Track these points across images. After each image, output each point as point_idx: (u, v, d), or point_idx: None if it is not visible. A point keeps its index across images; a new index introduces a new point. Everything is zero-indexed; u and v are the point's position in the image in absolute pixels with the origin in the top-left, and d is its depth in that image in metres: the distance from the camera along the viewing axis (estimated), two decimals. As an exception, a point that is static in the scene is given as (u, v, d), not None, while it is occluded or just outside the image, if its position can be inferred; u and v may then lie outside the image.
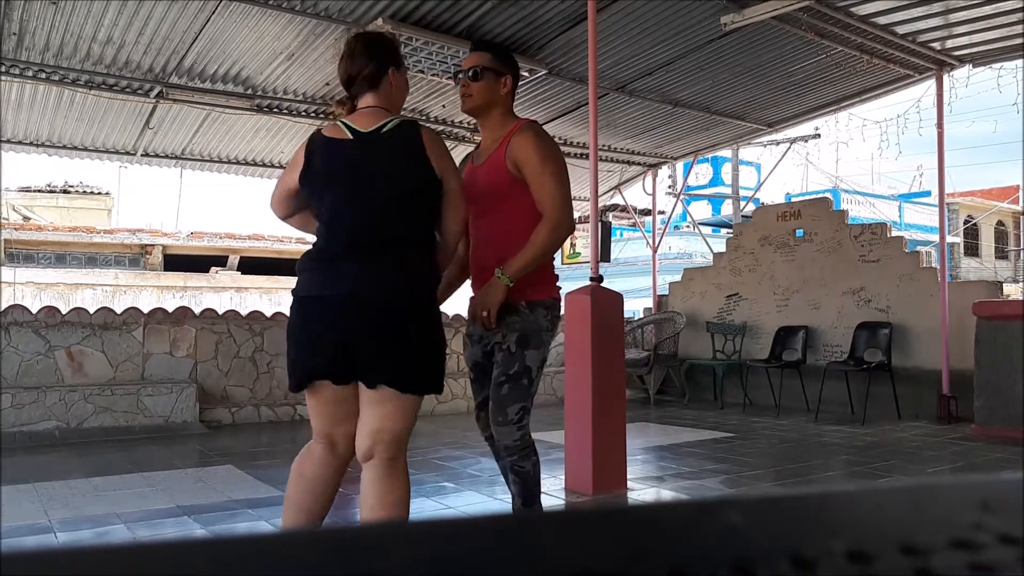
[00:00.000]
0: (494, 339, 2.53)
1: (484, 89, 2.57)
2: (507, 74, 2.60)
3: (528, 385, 2.50)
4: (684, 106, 7.37)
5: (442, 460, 4.90)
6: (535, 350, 2.50)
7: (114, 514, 3.54)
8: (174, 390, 6.10)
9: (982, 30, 5.91)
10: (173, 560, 0.25)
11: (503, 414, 2.50)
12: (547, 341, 2.54)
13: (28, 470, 4.53)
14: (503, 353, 2.50)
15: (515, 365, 2.48)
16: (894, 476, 4.42)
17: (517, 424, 2.51)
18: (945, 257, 6.75)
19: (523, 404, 2.51)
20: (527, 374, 2.49)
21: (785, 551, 0.26)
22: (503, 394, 2.49)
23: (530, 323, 2.49)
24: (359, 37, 2.35)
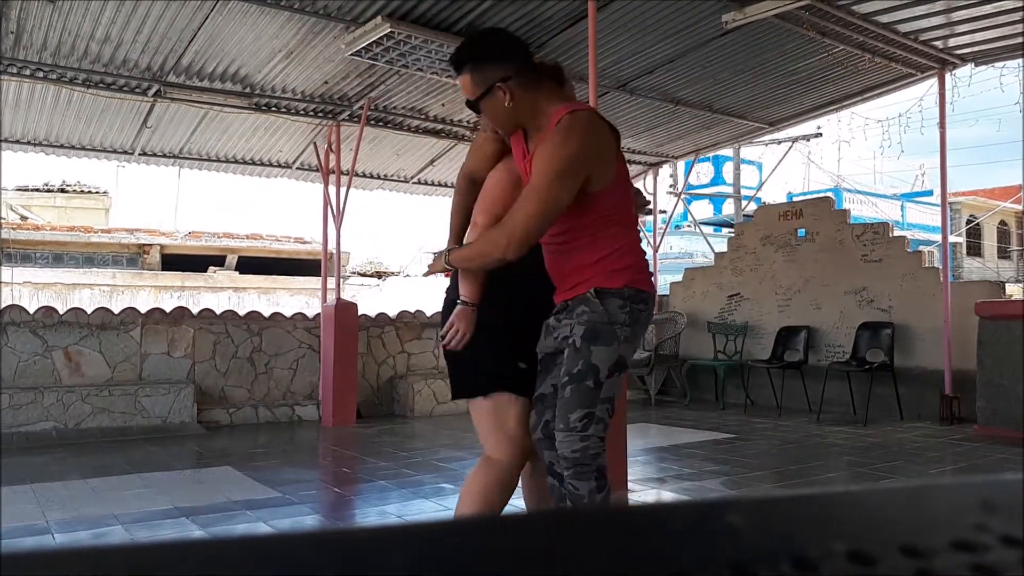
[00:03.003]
0: (563, 332, 2.23)
1: (490, 114, 2.20)
2: (494, 81, 2.13)
3: (594, 388, 2.14)
4: (685, 105, 7.34)
5: (441, 461, 4.87)
6: (605, 346, 2.14)
7: (112, 515, 3.52)
8: (172, 391, 6.07)
9: (984, 29, 5.89)
10: (171, 561, 0.25)
11: (564, 420, 2.16)
12: (625, 338, 2.17)
13: (26, 471, 4.51)
14: (570, 349, 2.18)
15: (579, 363, 2.15)
16: (896, 477, 4.40)
17: (580, 434, 2.15)
18: (947, 257, 6.72)
19: (588, 410, 2.14)
20: (593, 374, 2.14)
21: (786, 552, 0.26)
22: (565, 398, 2.17)
23: (600, 315, 2.15)
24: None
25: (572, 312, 2.19)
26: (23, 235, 16.92)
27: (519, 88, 2.14)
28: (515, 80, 2.13)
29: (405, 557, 0.26)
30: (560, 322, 2.26)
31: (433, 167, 8.50)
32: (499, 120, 2.19)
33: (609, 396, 2.18)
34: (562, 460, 2.20)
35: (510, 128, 2.23)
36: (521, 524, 0.32)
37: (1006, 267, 22.95)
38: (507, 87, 2.12)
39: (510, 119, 2.18)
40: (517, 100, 2.13)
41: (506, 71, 2.12)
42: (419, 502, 3.86)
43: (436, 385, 7.32)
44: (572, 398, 2.15)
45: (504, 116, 2.17)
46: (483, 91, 2.13)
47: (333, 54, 5.78)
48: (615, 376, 2.17)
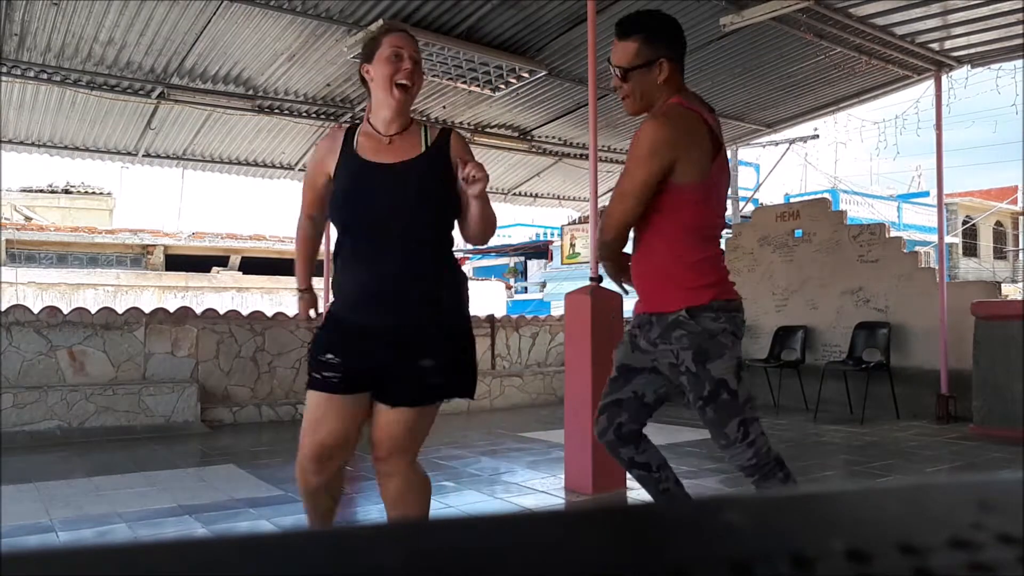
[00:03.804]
0: (667, 358, 2.26)
1: (636, 88, 2.25)
2: (660, 58, 2.21)
3: (732, 398, 2.19)
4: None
5: (442, 459, 4.91)
6: (718, 359, 2.19)
7: (115, 513, 3.56)
8: (175, 390, 6.12)
9: (981, 31, 5.93)
10: (174, 559, 0.25)
11: (723, 437, 2.22)
12: (730, 344, 2.21)
13: (30, 469, 4.54)
14: (686, 376, 2.22)
15: (706, 385, 2.19)
16: (893, 476, 4.44)
17: (746, 442, 2.20)
18: (944, 257, 6.77)
19: (740, 418, 2.20)
20: (725, 388, 2.19)
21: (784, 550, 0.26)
22: (711, 418, 2.22)
23: (698, 333, 2.18)
24: None
25: (668, 338, 2.22)
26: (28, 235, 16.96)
27: (672, 71, 2.24)
28: (673, 64, 2.24)
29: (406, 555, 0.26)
30: (656, 346, 2.27)
31: (433, 168, 8.54)
32: (641, 93, 2.25)
33: (747, 396, 2.24)
34: (741, 470, 2.26)
35: (643, 107, 2.28)
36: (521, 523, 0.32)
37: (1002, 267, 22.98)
38: (667, 65, 2.22)
39: (650, 97, 2.25)
40: (666, 82, 2.23)
41: (670, 52, 2.24)
42: (420, 499, 3.90)
43: (437, 385, 7.34)
44: (718, 416, 2.21)
45: (649, 92, 2.24)
46: (644, 62, 2.22)
47: (335, 57, 5.83)
48: (743, 379, 2.24)
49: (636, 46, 2.22)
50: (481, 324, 8.16)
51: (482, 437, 5.90)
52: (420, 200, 2.09)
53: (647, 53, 2.21)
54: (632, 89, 2.25)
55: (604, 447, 2.45)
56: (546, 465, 4.71)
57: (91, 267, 17.05)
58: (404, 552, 0.26)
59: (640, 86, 2.24)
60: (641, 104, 2.28)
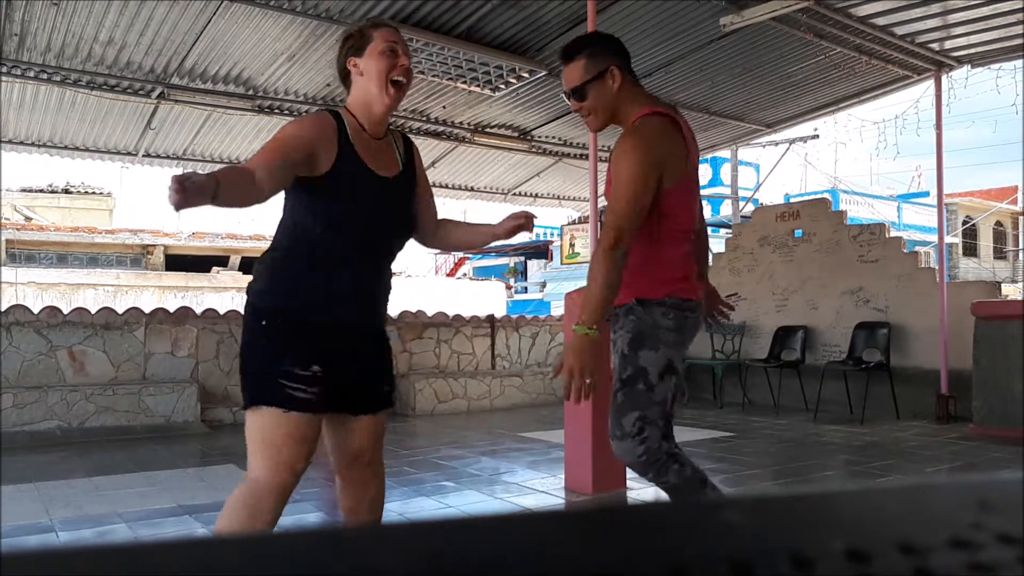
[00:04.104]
0: (615, 345, 2.28)
1: (597, 101, 2.27)
2: (609, 66, 2.25)
3: (647, 390, 2.19)
4: (683, 107, 7.39)
5: (442, 459, 4.92)
6: (652, 351, 2.19)
7: (115, 513, 3.56)
8: (175, 390, 6.12)
9: (981, 31, 5.93)
10: (174, 560, 0.25)
11: (619, 427, 2.21)
12: (671, 342, 2.21)
13: (30, 469, 4.55)
14: (619, 357, 2.24)
15: (628, 368, 2.20)
16: (893, 476, 4.44)
17: (638, 437, 2.19)
18: (944, 257, 6.77)
19: (642, 413, 2.19)
20: (643, 377, 2.19)
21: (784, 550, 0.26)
22: (619, 403, 2.21)
23: (645, 322, 2.20)
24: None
25: (622, 323, 2.25)
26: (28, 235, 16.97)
27: (623, 78, 2.28)
28: (623, 71, 2.30)
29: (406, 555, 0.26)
30: (615, 334, 2.30)
31: (434, 169, 8.54)
32: (601, 106, 2.27)
33: (662, 400, 2.20)
34: (632, 467, 2.25)
35: (606, 120, 2.31)
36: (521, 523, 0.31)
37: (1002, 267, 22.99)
38: (618, 72, 2.26)
39: (610, 107, 2.27)
40: (621, 88, 2.26)
41: (617, 60, 2.30)
42: (420, 500, 3.90)
43: (437, 384, 7.37)
44: (625, 402, 2.20)
45: (608, 102, 2.26)
46: (595, 74, 2.25)
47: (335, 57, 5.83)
48: (666, 379, 2.21)
49: (583, 62, 2.27)
50: (481, 324, 8.16)
51: (482, 437, 5.90)
52: (408, 218, 2.12)
53: (596, 65, 2.25)
54: (592, 105, 2.28)
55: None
56: (546, 465, 4.71)
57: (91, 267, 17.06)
58: (404, 552, 0.26)
59: (598, 99, 2.27)
60: (604, 117, 2.31)
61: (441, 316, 7.91)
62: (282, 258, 1.99)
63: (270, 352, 1.94)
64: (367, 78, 2.03)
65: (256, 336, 1.97)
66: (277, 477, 1.93)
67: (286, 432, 1.92)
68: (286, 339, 1.94)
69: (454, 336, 7.94)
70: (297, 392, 1.91)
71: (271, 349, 1.94)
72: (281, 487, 1.94)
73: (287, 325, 1.95)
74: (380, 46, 2.03)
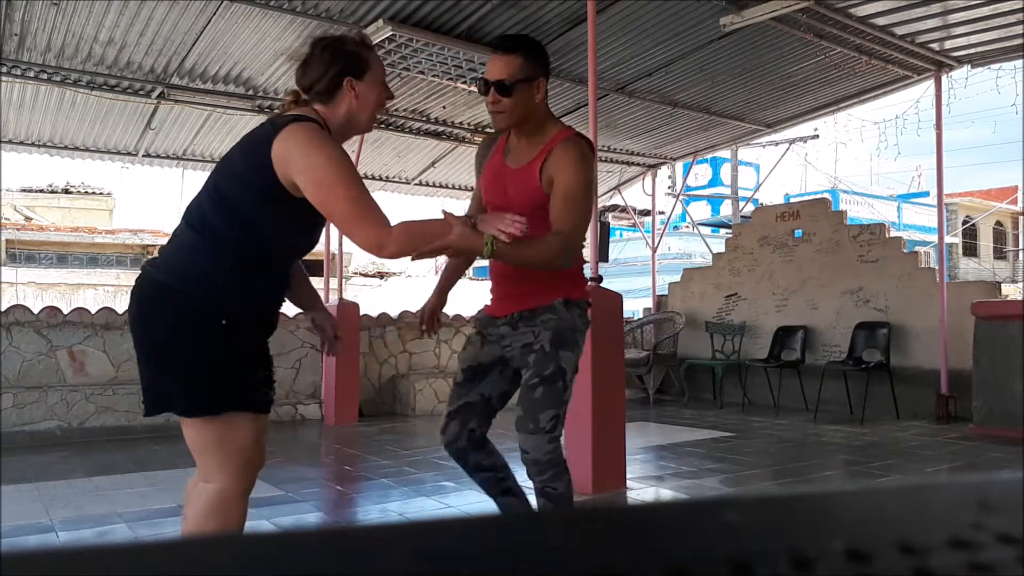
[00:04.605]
0: (522, 339, 2.30)
1: (518, 103, 2.24)
2: (541, 76, 2.27)
3: (563, 390, 2.25)
4: (683, 107, 7.39)
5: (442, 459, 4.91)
6: (570, 352, 2.27)
7: (116, 513, 3.56)
8: (175, 390, 6.12)
9: (981, 31, 5.93)
10: (174, 560, 0.25)
11: (535, 421, 2.24)
12: (580, 344, 2.32)
13: (30, 469, 4.55)
14: (536, 354, 2.25)
15: (550, 366, 2.23)
16: (893, 476, 4.44)
17: (550, 434, 2.23)
18: (943, 257, 6.77)
19: (557, 412, 2.25)
20: (562, 377, 2.24)
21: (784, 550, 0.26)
22: (536, 398, 2.24)
23: (567, 321, 2.27)
24: (316, 43, 2.04)
25: (534, 320, 2.28)
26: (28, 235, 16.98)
27: (545, 93, 2.32)
28: (546, 86, 2.33)
29: (407, 555, 0.26)
30: (516, 330, 2.32)
31: (434, 169, 8.55)
32: (520, 109, 2.25)
33: (568, 399, 2.30)
34: (534, 464, 2.28)
35: (514, 123, 2.30)
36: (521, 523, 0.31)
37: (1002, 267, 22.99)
38: (544, 85, 2.29)
39: (526, 113, 2.27)
40: (542, 101, 2.30)
41: (546, 73, 2.32)
42: (420, 500, 3.90)
43: (437, 384, 7.37)
44: (543, 399, 2.23)
45: (525, 108, 2.25)
46: (526, 77, 2.24)
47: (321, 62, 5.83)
48: (573, 380, 2.31)
49: (521, 61, 2.24)
50: (481, 324, 8.16)
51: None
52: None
53: (530, 70, 2.25)
54: (512, 104, 2.24)
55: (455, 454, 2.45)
56: (546, 465, 4.70)
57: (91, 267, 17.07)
58: (404, 552, 0.26)
59: (519, 102, 2.25)
60: (515, 119, 2.28)
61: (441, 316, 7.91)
62: (231, 254, 1.87)
63: (235, 353, 1.86)
64: (360, 104, 1.99)
65: (215, 335, 1.83)
66: (245, 481, 1.91)
67: (255, 436, 1.91)
68: (247, 340, 1.90)
69: (454, 336, 7.94)
70: (264, 394, 1.92)
71: (236, 350, 1.86)
72: (248, 490, 1.93)
73: (248, 325, 1.89)
74: (380, 75, 2.03)
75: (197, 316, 1.83)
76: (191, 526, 1.93)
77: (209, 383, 1.83)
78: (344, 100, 1.98)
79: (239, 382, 1.86)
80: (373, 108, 2.01)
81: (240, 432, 1.87)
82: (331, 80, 1.97)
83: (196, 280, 1.84)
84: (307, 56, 2.03)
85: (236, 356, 1.86)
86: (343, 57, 1.99)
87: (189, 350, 1.83)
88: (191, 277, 1.85)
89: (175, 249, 1.89)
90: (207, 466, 1.88)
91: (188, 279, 1.85)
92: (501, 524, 0.31)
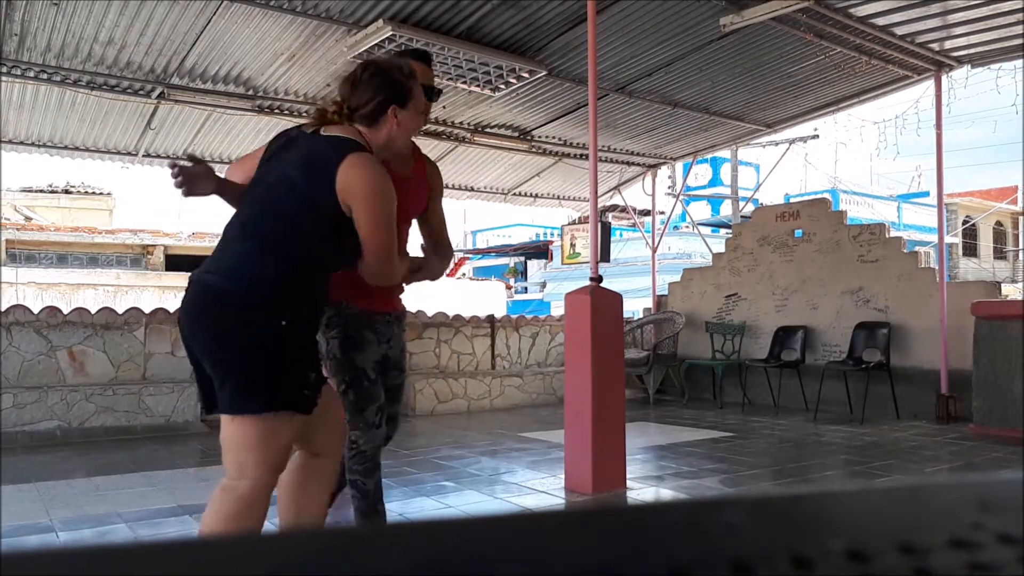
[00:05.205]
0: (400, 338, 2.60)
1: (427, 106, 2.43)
2: None
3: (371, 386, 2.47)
4: (683, 107, 7.39)
5: (442, 459, 4.91)
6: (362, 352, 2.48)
7: (115, 513, 3.56)
8: (176, 390, 6.12)
9: (981, 31, 5.93)
10: (174, 560, 0.25)
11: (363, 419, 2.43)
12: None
13: (30, 470, 4.55)
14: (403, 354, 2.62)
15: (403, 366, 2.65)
16: (893, 476, 4.44)
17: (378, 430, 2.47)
18: (944, 257, 6.77)
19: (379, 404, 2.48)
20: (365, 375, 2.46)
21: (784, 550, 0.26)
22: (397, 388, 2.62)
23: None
24: (366, 67, 2.15)
25: (403, 321, 2.60)
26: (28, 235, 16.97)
27: None
28: None
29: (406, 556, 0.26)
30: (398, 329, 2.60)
31: (433, 168, 8.53)
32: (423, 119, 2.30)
33: None
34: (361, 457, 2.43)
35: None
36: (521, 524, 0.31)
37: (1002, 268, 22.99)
38: None
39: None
40: None
41: None
42: (420, 500, 3.90)
43: (437, 384, 7.37)
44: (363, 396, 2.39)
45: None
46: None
47: (336, 57, 5.83)
48: None
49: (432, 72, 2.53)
50: (481, 324, 8.16)
51: (482, 437, 5.90)
52: None
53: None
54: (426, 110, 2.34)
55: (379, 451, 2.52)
56: (546, 465, 4.71)
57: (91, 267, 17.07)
58: (404, 552, 0.26)
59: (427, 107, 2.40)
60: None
61: (441, 316, 7.91)
62: (290, 262, 1.97)
63: (292, 355, 1.94)
64: (400, 130, 2.13)
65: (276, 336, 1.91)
66: (272, 478, 1.96)
67: (292, 436, 1.97)
68: (302, 340, 1.99)
69: (454, 336, 7.94)
70: (310, 396, 1.96)
71: (292, 350, 1.94)
72: (272, 487, 1.98)
73: (302, 326, 1.99)
74: (421, 105, 2.18)
75: (260, 318, 1.92)
76: (209, 523, 1.96)
77: (267, 382, 1.90)
78: (386, 126, 2.11)
79: (292, 382, 1.93)
80: (411, 133, 2.17)
81: (283, 431, 1.93)
82: (377, 106, 2.09)
83: (258, 285, 1.93)
84: (354, 77, 2.13)
85: (292, 356, 1.94)
86: (390, 87, 2.11)
87: (252, 350, 1.90)
88: (254, 283, 1.94)
89: (234, 257, 1.98)
90: (241, 463, 1.93)
91: (252, 284, 1.94)
92: (501, 525, 0.31)
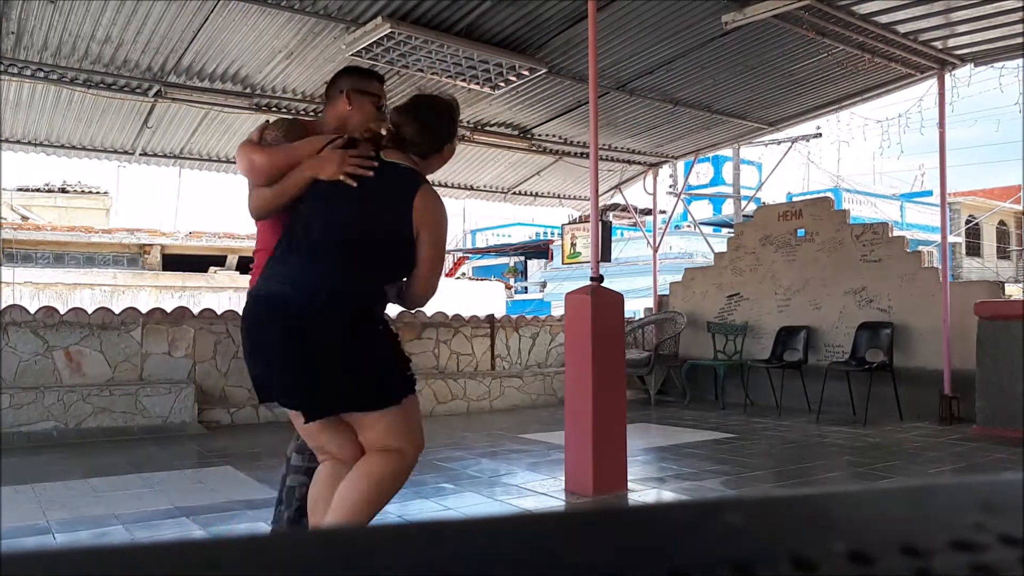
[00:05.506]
0: None
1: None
2: None
3: None
4: (685, 105, 7.35)
5: (442, 461, 4.88)
6: None
7: (112, 515, 3.53)
8: (172, 390, 6.08)
9: (984, 29, 5.89)
10: (171, 561, 0.25)
11: None
12: None
13: (27, 471, 4.52)
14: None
15: None
16: (895, 477, 4.41)
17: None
18: (947, 257, 6.73)
19: None
20: None
21: (786, 552, 0.26)
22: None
23: None
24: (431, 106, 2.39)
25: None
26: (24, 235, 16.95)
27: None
28: None
29: (405, 557, 0.26)
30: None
31: (433, 167, 8.50)
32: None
33: None
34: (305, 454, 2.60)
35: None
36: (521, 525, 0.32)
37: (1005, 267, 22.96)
38: None
39: None
40: None
41: None
42: (419, 502, 3.87)
43: (437, 385, 7.33)
44: None
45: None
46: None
47: (334, 54, 5.79)
48: None
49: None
50: (481, 324, 8.12)
51: (482, 438, 5.86)
52: None
53: None
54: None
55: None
56: (546, 467, 4.67)
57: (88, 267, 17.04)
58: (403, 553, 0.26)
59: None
60: None
61: (440, 316, 7.87)
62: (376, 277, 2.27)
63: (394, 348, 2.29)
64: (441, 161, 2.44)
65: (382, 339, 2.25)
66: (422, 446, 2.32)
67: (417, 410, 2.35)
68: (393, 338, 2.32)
69: (453, 336, 7.91)
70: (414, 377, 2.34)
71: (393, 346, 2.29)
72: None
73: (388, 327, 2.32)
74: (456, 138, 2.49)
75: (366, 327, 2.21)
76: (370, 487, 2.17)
77: (392, 378, 2.23)
78: (436, 160, 2.37)
79: (406, 371, 2.28)
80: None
81: (415, 409, 2.30)
82: (434, 146, 2.34)
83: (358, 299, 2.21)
84: (414, 109, 2.35)
85: (394, 351, 2.28)
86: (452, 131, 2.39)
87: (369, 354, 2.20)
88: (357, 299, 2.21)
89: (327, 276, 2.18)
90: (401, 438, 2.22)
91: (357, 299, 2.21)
92: (501, 526, 0.31)
